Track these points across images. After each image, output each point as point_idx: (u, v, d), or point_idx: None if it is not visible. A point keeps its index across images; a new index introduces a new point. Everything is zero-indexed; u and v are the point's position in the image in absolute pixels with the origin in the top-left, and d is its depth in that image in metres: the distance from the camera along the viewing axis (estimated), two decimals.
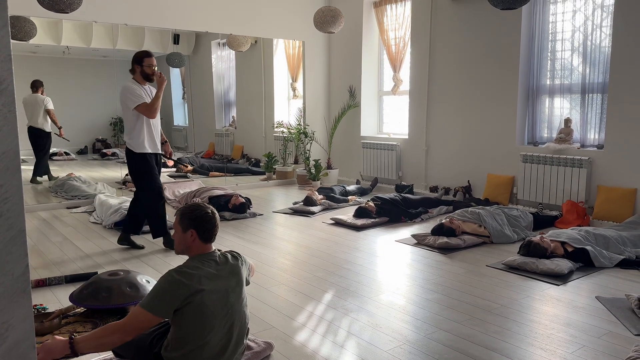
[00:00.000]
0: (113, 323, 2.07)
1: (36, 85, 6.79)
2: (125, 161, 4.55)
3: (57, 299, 3.34)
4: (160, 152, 4.58)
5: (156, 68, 4.39)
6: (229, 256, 2.29)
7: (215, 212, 2.29)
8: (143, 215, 4.60)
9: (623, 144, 4.98)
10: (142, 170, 4.44)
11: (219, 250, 2.30)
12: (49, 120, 6.83)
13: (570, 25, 5.46)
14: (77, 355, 2.08)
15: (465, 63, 6.31)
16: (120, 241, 4.60)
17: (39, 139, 6.80)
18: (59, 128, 6.99)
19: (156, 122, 4.49)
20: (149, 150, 4.42)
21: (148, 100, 4.34)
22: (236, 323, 2.23)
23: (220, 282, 2.17)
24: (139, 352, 2.26)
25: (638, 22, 4.77)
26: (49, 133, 6.86)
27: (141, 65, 4.34)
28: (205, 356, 2.15)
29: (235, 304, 2.23)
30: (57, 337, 2.10)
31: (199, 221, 2.19)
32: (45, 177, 7.01)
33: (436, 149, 6.80)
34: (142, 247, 4.57)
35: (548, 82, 5.75)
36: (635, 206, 4.91)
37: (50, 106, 6.79)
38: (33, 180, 6.90)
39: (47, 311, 3.07)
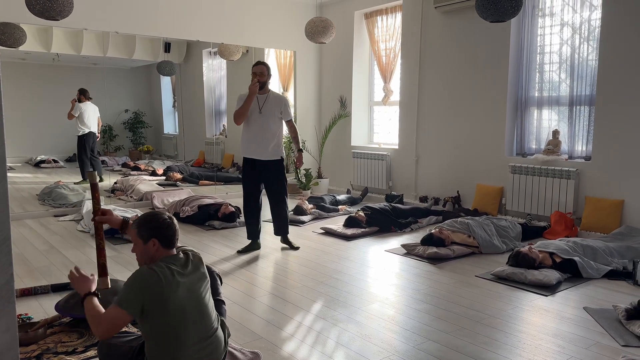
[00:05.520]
0: (99, 313, 2.07)
1: (88, 94, 7.37)
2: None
3: (43, 309, 3.29)
4: (260, 158, 4.64)
5: (258, 77, 4.47)
6: (190, 254, 2.28)
7: (173, 217, 2.27)
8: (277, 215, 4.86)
9: (610, 155, 5.04)
10: (242, 173, 4.77)
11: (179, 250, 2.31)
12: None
13: (558, 38, 5.54)
14: (81, 304, 2.19)
15: (454, 74, 6.37)
16: (283, 240, 4.92)
17: (95, 143, 7.59)
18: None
19: (263, 130, 4.59)
20: (247, 155, 4.66)
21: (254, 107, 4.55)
22: (206, 315, 2.23)
23: (187, 279, 2.17)
24: None
25: (624, 36, 4.85)
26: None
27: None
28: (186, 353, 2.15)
29: (202, 297, 2.23)
30: (92, 281, 2.22)
31: (159, 229, 2.18)
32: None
33: (426, 159, 6.83)
34: (297, 248, 4.85)
35: (536, 94, 5.81)
36: (622, 217, 4.96)
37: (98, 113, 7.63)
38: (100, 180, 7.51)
39: (32, 321, 3.02)
